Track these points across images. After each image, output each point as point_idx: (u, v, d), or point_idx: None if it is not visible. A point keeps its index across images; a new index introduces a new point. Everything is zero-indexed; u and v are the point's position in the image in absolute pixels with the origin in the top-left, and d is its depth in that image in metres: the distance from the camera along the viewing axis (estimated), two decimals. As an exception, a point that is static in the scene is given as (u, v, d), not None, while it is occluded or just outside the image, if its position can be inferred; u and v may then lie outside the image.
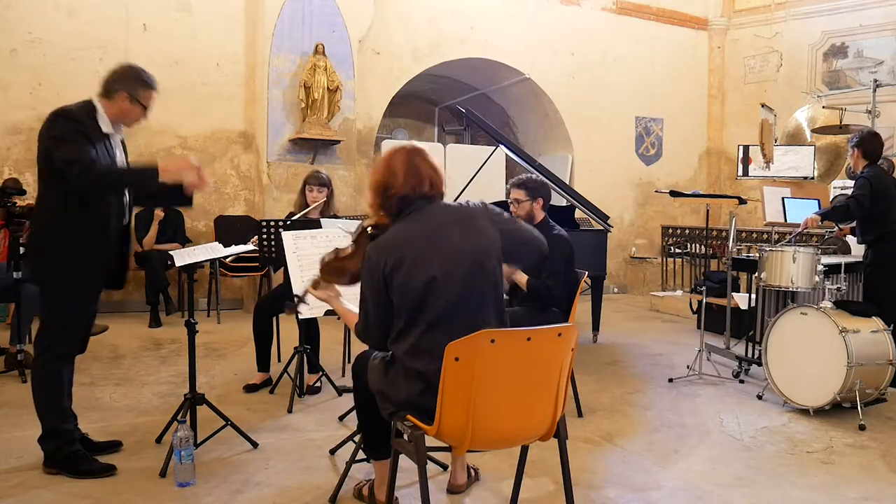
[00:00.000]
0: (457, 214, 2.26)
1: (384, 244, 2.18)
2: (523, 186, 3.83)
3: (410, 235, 2.18)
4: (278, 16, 7.08)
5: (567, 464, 2.20)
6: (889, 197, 4.37)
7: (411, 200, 2.23)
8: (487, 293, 2.22)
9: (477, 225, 2.25)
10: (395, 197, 2.23)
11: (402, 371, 2.17)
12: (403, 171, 2.23)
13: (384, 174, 2.25)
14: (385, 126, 10.16)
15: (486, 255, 2.22)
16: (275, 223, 4.02)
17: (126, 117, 2.93)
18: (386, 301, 2.17)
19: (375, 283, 2.16)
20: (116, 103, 2.87)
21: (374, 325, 2.23)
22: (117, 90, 2.87)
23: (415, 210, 2.23)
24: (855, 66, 8.63)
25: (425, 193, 2.24)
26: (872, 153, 4.47)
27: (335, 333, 5.20)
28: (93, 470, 2.85)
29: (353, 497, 2.69)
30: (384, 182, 2.24)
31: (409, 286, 2.12)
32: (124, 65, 2.97)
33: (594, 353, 5.44)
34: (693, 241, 8.17)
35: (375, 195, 2.27)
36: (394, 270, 2.13)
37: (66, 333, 2.86)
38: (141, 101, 2.92)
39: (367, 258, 2.19)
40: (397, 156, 2.28)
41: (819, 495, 2.84)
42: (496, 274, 2.25)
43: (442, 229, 2.20)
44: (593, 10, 9.29)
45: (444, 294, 2.13)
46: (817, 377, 3.82)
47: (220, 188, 7.34)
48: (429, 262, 2.13)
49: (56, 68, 6.49)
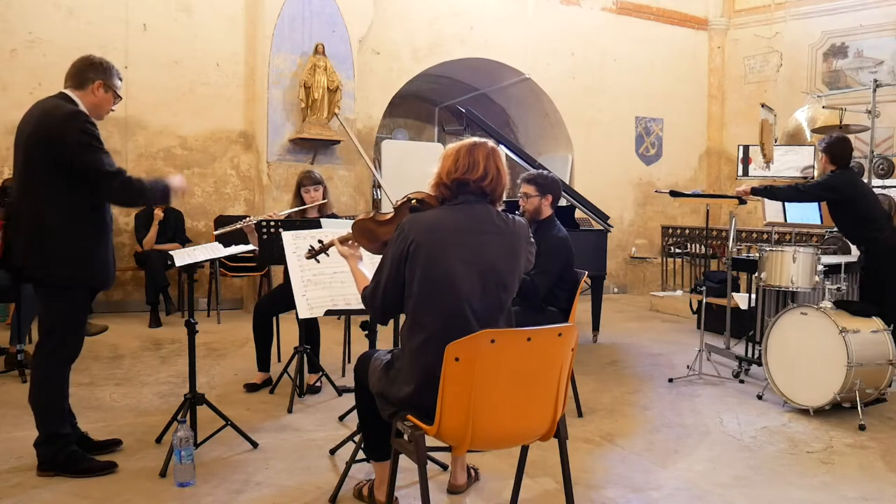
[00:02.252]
0: (501, 225, 2.25)
1: (422, 221, 2.19)
2: (534, 182, 3.89)
3: (448, 223, 2.19)
4: (278, 16, 7.08)
5: (567, 464, 2.20)
6: (865, 197, 4.41)
7: (470, 191, 2.23)
8: (499, 308, 2.23)
9: (514, 245, 2.26)
10: (459, 181, 2.23)
11: (409, 365, 2.16)
12: (481, 162, 2.24)
13: (464, 158, 2.24)
14: (385, 126, 10.16)
15: (509, 274, 2.23)
16: (275, 223, 4.01)
17: (100, 108, 2.91)
18: (401, 275, 2.18)
19: (398, 255, 2.17)
20: (91, 93, 2.85)
21: (383, 292, 2.23)
22: (91, 79, 2.85)
23: (465, 203, 2.24)
24: (855, 66, 8.63)
25: (485, 191, 2.25)
26: (841, 157, 4.49)
27: (335, 333, 5.20)
28: (93, 468, 2.85)
29: (353, 497, 2.69)
30: (460, 164, 2.24)
31: (426, 271, 2.13)
32: (86, 56, 2.93)
33: (594, 353, 5.44)
34: (693, 241, 8.17)
35: (444, 173, 2.26)
36: (417, 249, 2.13)
37: (73, 335, 2.86)
38: (115, 89, 2.91)
39: (400, 228, 2.20)
40: (481, 147, 2.28)
41: (819, 495, 2.84)
42: (511, 293, 2.26)
43: (480, 233, 2.20)
44: (593, 10, 9.29)
45: (458, 294, 2.13)
46: (817, 377, 3.82)
47: (220, 188, 7.34)
48: (453, 255, 2.13)
49: (56, 68, 6.39)
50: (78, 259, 2.78)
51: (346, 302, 3.07)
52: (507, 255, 2.23)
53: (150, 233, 6.45)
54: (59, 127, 2.70)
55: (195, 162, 7.19)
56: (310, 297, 3.07)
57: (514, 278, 2.26)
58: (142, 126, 6.81)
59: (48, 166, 2.72)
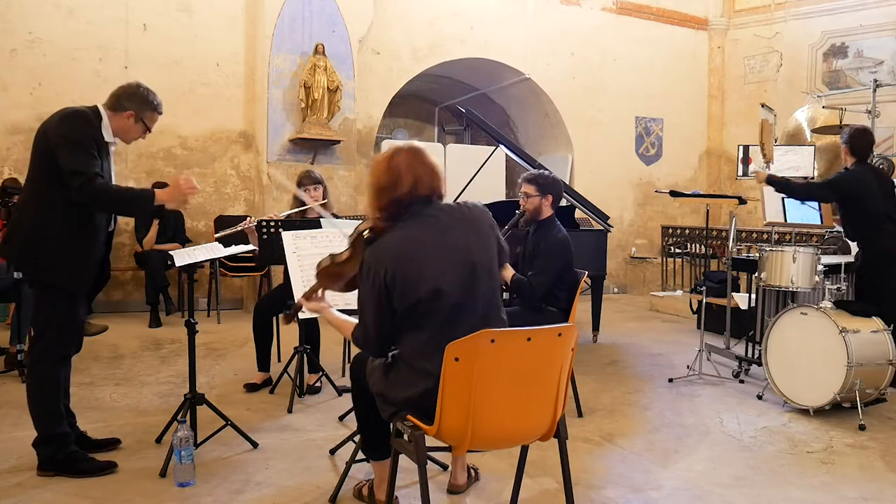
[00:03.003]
0: (460, 215, 2.22)
1: (384, 251, 2.11)
2: (534, 182, 3.90)
3: (412, 240, 2.12)
4: (278, 16, 7.08)
5: (567, 464, 2.20)
6: (873, 196, 4.37)
7: (410, 203, 2.15)
8: (492, 294, 2.23)
9: (481, 228, 2.23)
10: (393, 199, 2.15)
11: (407, 370, 2.15)
12: (403, 172, 2.15)
13: (384, 175, 2.17)
14: (385, 126, 10.16)
15: (490, 258, 2.21)
16: (275, 223, 4.02)
17: (126, 134, 2.94)
18: (387, 309, 2.11)
19: (376, 291, 2.09)
20: (121, 118, 2.89)
21: (374, 332, 2.17)
22: (126, 108, 2.88)
23: (414, 213, 2.16)
24: (855, 66, 8.63)
25: (425, 195, 2.17)
26: (860, 149, 4.45)
27: (335, 334, 5.17)
28: (93, 468, 2.85)
29: (353, 497, 2.69)
30: (383, 183, 2.16)
31: (413, 294, 2.07)
32: (135, 84, 2.96)
33: (594, 353, 5.44)
34: (693, 241, 8.17)
35: (374, 197, 2.18)
36: (395, 278, 2.07)
37: (64, 336, 2.85)
38: (146, 122, 2.95)
39: (366, 265, 2.12)
40: (397, 157, 2.18)
41: (819, 495, 2.84)
42: (498, 277, 2.25)
43: (445, 232, 2.15)
44: (593, 10, 9.29)
45: (452, 296, 2.10)
46: (817, 377, 3.82)
47: (220, 188, 7.35)
48: (432, 267, 2.08)
49: (56, 68, 6.49)
50: (53, 260, 2.77)
51: (346, 302, 3.07)
52: (477, 238, 2.19)
53: (150, 233, 6.46)
54: (52, 125, 2.75)
55: (195, 162, 7.19)
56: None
57: (494, 260, 2.22)
58: (142, 126, 6.81)
59: (38, 164, 2.79)
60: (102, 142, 2.82)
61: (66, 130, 2.72)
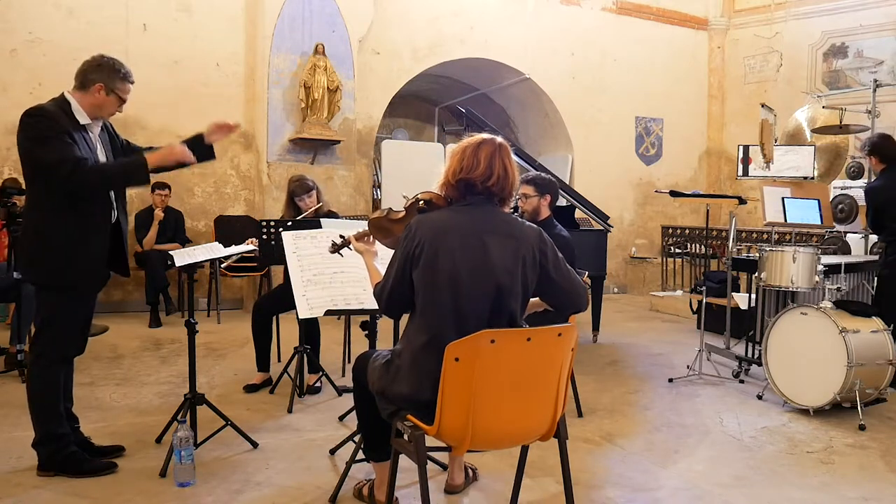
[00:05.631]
0: (506, 228, 2.21)
1: (428, 223, 2.19)
2: (532, 183, 4.00)
3: (453, 225, 2.17)
4: (278, 16, 7.08)
5: (567, 464, 2.20)
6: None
7: (476, 192, 2.22)
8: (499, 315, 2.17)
9: (518, 251, 2.18)
10: (462, 180, 2.22)
11: (408, 368, 2.15)
12: (483, 161, 2.21)
13: (467, 159, 2.23)
14: (385, 126, 10.16)
15: (511, 283, 2.16)
16: (275, 223, 4.02)
17: (102, 109, 2.86)
18: (407, 277, 2.18)
19: (405, 256, 2.18)
20: (92, 95, 2.82)
21: (390, 290, 2.23)
22: (93, 81, 2.81)
23: (472, 203, 2.22)
24: (855, 66, 8.63)
25: (492, 191, 2.22)
26: (888, 156, 4.50)
27: (335, 333, 5.20)
28: (94, 468, 2.85)
29: (353, 497, 2.69)
30: (464, 167, 2.22)
31: (428, 276, 2.13)
32: (98, 56, 2.88)
33: (594, 353, 5.44)
34: (693, 241, 8.17)
35: (449, 172, 2.25)
36: (422, 254, 2.13)
37: (62, 337, 2.83)
38: (118, 93, 2.86)
39: (409, 229, 2.21)
40: (485, 145, 2.25)
41: (819, 495, 2.84)
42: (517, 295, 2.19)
43: (484, 234, 2.17)
44: (593, 10, 9.29)
45: (463, 295, 2.11)
46: (817, 377, 3.82)
47: (220, 188, 7.34)
48: (457, 258, 2.12)
49: (56, 68, 6.47)
50: (54, 260, 2.75)
51: (346, 302, 3.07)
52: (511, 259, 2.17)
53: (150, 233, 6.45)
54: (18, 134, 2.73)
55: (195, 162, 7.18)
56: (310, 296, 3.06)
57: (518, 283, 2.18)
58: (142, 126, 6.79)
59: (25, 171, 2.81)
60: (78, 127, 2.77)
61: (31, 132, 2.69)
